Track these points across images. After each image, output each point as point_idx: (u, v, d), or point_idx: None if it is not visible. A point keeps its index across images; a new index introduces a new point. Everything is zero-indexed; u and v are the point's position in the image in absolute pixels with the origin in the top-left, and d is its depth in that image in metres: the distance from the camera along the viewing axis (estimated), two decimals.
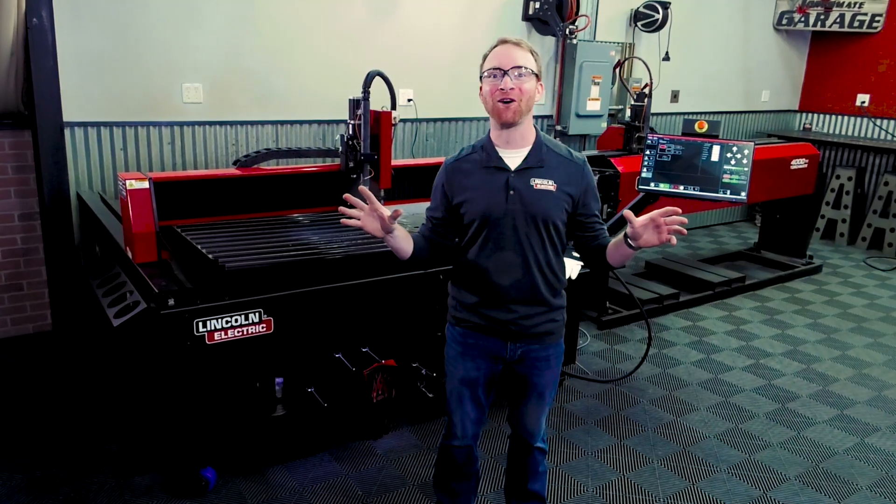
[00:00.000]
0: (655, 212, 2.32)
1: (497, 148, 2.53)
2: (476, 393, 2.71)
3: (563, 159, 2.56)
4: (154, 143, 5.17)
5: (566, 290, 2.69)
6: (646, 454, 3.88)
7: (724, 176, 4.40)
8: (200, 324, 3.07)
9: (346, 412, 3.66)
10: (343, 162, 4.13)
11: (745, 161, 4.36)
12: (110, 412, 3.97)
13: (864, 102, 9.18)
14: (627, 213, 2.41)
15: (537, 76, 2.46)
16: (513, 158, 2.51)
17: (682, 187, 4.49)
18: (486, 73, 2.43)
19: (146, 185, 3.49)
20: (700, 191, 4.46)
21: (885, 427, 4.26)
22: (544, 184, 2.49)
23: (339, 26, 5.79)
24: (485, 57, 2.47)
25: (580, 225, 2.61)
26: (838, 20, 8.92)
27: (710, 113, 8.81)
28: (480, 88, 2.48)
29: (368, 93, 3.94)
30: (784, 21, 9.14)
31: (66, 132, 4.76)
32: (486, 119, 6.73)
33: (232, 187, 3.96)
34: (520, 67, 2.39)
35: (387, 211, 2.41)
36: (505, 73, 2.38)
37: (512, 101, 2.40)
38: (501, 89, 2.39)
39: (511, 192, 2.48)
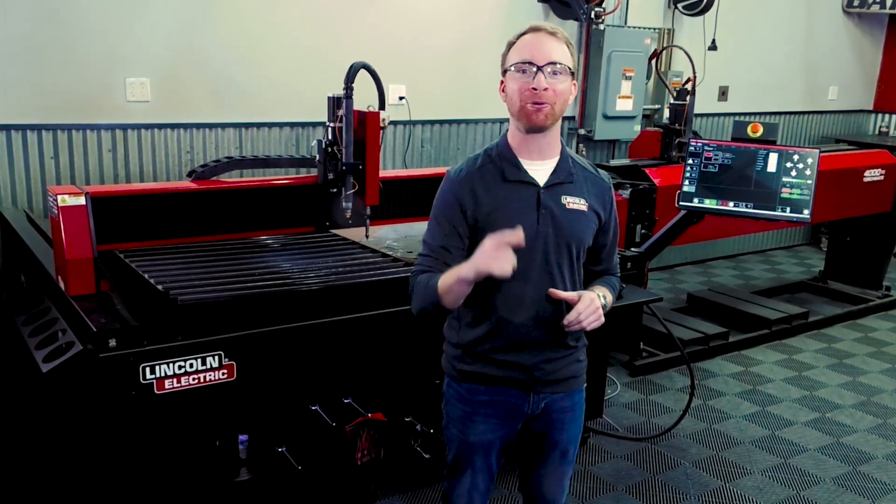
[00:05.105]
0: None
1: (519, 158, 2.55)
2: (489, 461, 2.70)
3: (589, 174, 2.62)
4: (92, 150, 5.22)
5: None
6: None
7: (784, 190, 4.45)
8: (148, 369, 3.09)
9: (325, 476, 3.67)
10: (321, 173, 4.18)
11: (808, 172, 4.42)
12: (38, 476, 3.98)
13: None
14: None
15: (572, 73, 2.48)
16: (539, 171, 2.54)
17: (731, 204, 4.54)
18: (513, 67, 2.44)
19: (82, 200, 3.53)
20: (754, 208, 4.51)
21: None
22: (576, 202, 2.54)
23: (316, 9, 5.87)
24: (510, 45, 2.48)
25: (592, 255, 2.67)
26: None
27: (765, 114, 8.89)
28: (502, 84, 2.50)
29: (352, 89, 3.99)
30: (856, 3, 9.24)
31: None
32: (493, 121, 6.80)
33: (186, 204, 4.00)
34: (555, 64, 2.41)
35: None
36: (538, 69, 2.39)
37: (545, 103, 2.42)
38: (533, 89, 2.40)
39: (542, 212, 2.51)
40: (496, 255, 2.26)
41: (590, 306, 2.41)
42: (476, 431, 2.65)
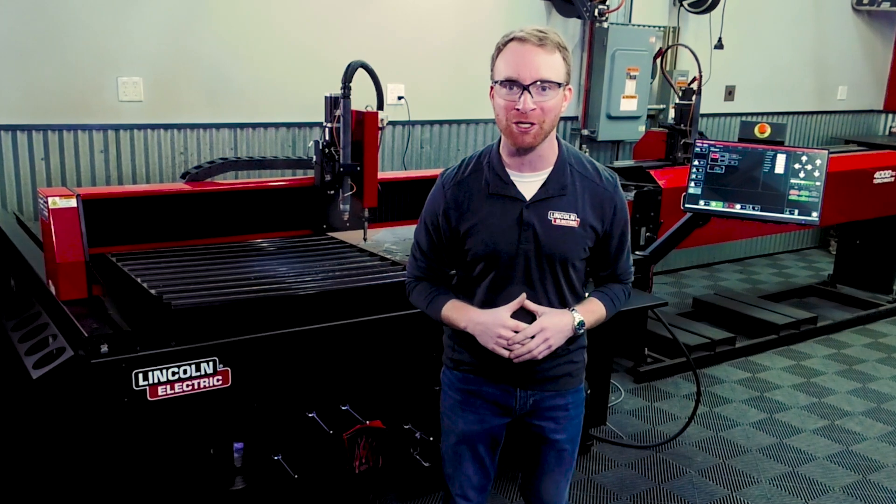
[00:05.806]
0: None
1: (508, 170, 2.56)
2: (477, 451, 2.75)
3: (589, 182, 2.58)
4: (83, 151, 5.23)
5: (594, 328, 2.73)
6: None
7: (792, 192, 4.45)
8: (141, 375, 3.09)
9: (322, 485, 3.68)
10: (318, 175, 4.18)
11: (816, 174, 4.42)
12: (29, 485, 3.97)
13: None
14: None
15: (565, 83, 2.45)
16: (528, 184, 2.54)
17: (738, 206, 4.54)
18: (499, 82, 2.43)
19: (73, 203, 3.54)
20: (761, 210, 4.51)
21: None
22: (565, 218, 2.53)
23: (314, 7, 5.88)
24: (498, 49, 2.46)
25: (598, 260, 2.69)
26: None
27: (773, 114, 8.90)
28: (491, 90, 2.49)
29: (349, 89, 4.00)
30: (865, 1, 9.25)
31: None
32: (493, 122, 6.78)
33: (180, 206, 4.00)
34: (543, 81, 2.38)
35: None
36: (524, 88, 2.37)
37: (532, 124, 2.41)
38: (518, 109, 2.39)
39: (524, 229, 2.52)
40: (506, 339, 2.48)
41: (538, 336, 2.50)
42: (465, 420, 2.73)
